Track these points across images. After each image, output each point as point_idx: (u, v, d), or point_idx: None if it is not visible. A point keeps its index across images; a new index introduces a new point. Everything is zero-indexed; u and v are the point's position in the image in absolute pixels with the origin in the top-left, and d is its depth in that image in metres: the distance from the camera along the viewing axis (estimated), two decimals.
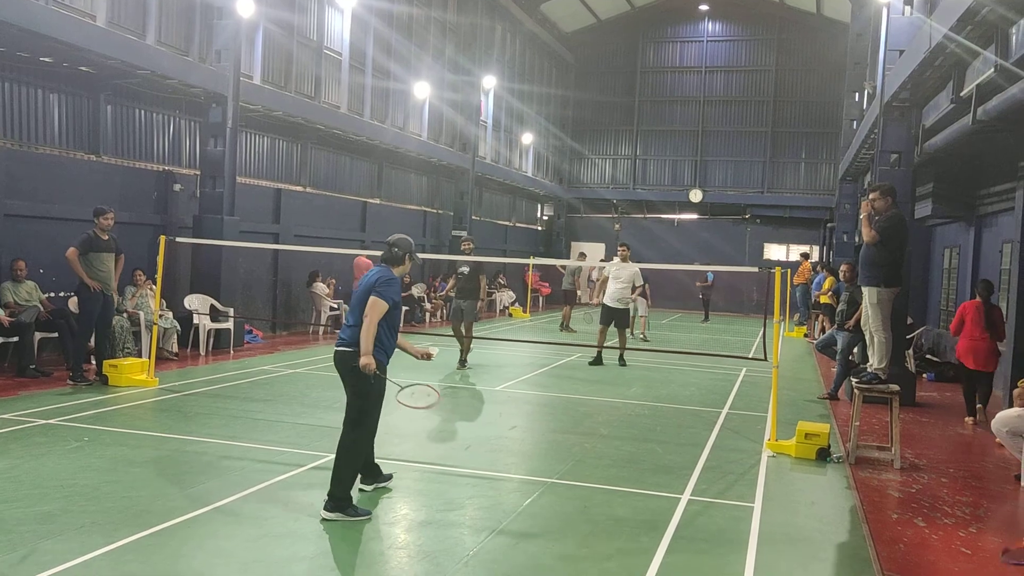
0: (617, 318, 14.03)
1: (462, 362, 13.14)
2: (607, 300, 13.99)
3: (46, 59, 12.02)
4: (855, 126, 22.23)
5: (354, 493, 5.80)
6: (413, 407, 6.33)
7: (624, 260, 14.42)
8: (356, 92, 20.10)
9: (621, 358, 14.27)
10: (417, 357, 6.38)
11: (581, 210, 35.56)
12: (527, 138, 31.38)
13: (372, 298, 5.69)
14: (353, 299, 5.99)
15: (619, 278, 13.97)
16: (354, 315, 5.86)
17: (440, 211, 25.52)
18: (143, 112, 14.29)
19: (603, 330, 14.14)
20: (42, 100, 12.40)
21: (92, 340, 10.52)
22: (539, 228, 35.04)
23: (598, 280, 14.92)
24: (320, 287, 17.13)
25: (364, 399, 5.81)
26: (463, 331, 13.27)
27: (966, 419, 10.35)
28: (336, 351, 5.91)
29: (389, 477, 6.52)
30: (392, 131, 21.29)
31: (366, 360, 5.60)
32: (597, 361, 14.08)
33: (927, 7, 12.02)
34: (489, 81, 26.42)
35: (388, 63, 21.40)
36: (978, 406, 10.31)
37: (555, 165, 34.77)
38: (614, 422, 9.47)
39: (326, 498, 5.62)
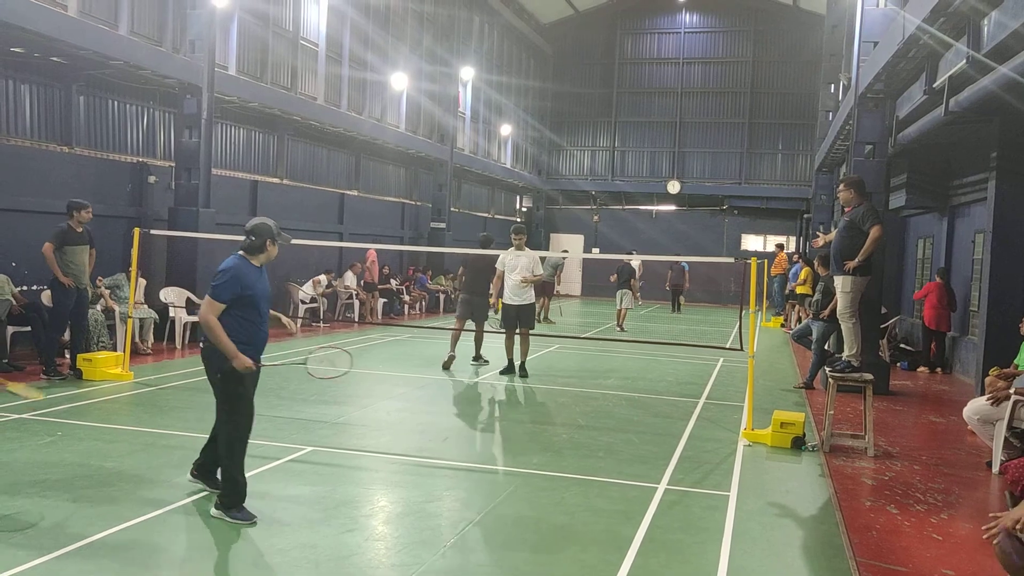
0: (522, 317, 11.77)
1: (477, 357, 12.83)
2: (507, 297, 11.82)
3: (17, 49, 11.85)
4: (831, 117, 22.41)
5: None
6: (327, 377, 6.33)
7: (519, 248, 11.89)
8: (333, 83, 19.98)
9: (522, 367, 11.91)
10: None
11: (560, 202, 35.59)
12: (505, 130, 31.34)
13: (205, 297, 5.43)
14: None
15: (515, 269, 11.71)
16: None
17: (418, 203, 25.45)
18: (116, 103, 14.13)
19: (510, 335, 11.92)
20: (13, 91, 12.22)
21: (67, 334, 10.41)
22: (518, 220, 35.03)
23: (495, 280, 12.28)
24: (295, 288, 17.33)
25: (220, 396, 5.64)
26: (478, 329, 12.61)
27: (919, 368, 14.06)
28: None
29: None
30: (369, 122, 21.19)
31: (239, 363, 5.38)
32: (509, 369, 11.93)
33: None
34: (467, 72, 26.36)
35: (365, 54, 21.28)
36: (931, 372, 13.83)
37: (534, 157, 34.77)
38: (591, 413, 9.50)
39: (217, 497, 5.53)
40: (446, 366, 12.11)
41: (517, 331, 11.82)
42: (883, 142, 12.42)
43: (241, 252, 5.62)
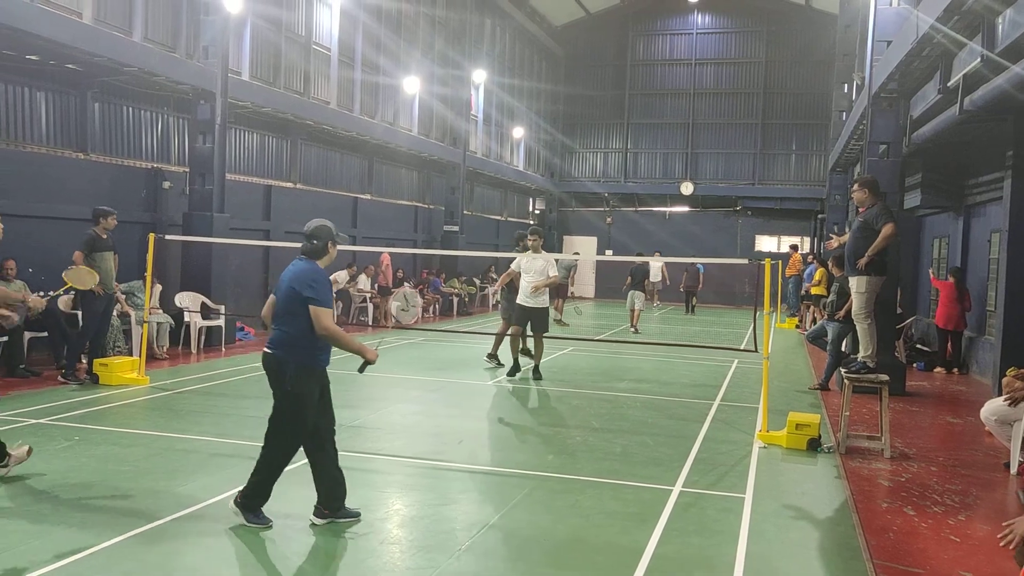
0: (535, 319, 11.68)
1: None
2: (521, 299, 11.72)
3: (32, 57, 11.96)
4: (844, 117, 22.30)
5: None
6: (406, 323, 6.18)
7: (535, 251, 11.81)
8: (345, 87, 20.05)
9: (536, 369, 11.86)
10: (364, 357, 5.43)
11: (572, 204, 35.57)
12: (518, 132, 31.36)
13: (316, 310, 5.13)
14: (279, 295, 5.35)
15: (530, 271, 11.61)
16: (281, 319, 5.29)
17: (431, 206, 25.49)
18: (131, 109, 14.23)
19: (518, 331, 11.85)
20: (29, 98, 12.33)
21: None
22: (531, 222, 35.01)
23: (502, 275, 12.48)
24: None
25: (283, 411, 5.33)
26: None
27: (936, 369, 13.95)
28: (263, 353, 5.38)
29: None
30: (382, 126, 21.26)
31: (372, 354, 5.34)
32: (515, 370, 11.83)
33: None
34: (479, 75, 26.40)
35: (377, 58, 21.35)
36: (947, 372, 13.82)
37: (546, 159, 34.77)
38: (605, 415, 9.49)
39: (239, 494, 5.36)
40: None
41: (529, 334, 11.76)
42: (897, 142, 12.36)
43: (304, 257, 5.42)
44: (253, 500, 5.33)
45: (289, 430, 5.29)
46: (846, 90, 23.41)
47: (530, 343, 12.08)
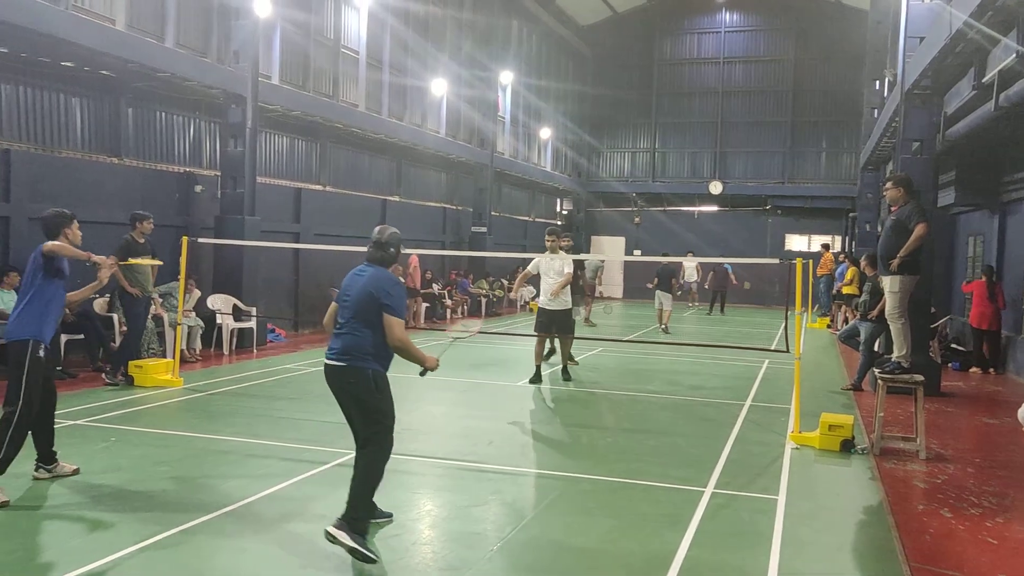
0: (558, 322, 11.41)
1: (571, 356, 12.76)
2: (542, 302, 11.43)
3: (68, 64, 12.16)
4: (876, 114, 22.01)
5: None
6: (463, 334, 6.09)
7: (553, 251, 11.47)
8: (374, 90, 20.16)
9: (564, 370, 11.81)
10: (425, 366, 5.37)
11: (599, 205, 35.48)
12: (545, 133, 31.34)
13: (391, 319, 5.02)
14: (350, 302, 5.14)
15: (549, 273, 11.34)
16: (352, 327, 5.09)
17: (459, 207, 25.56)
18: (163, 114, 14.42)
19: (541, 340, 11.57)
20: (64, 104, 12.54)
21: (117, 341, 10.67)
22: (558, 223, 34.96)
23: (519, 276, 12.19)
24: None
25: (375, 417, 5.13)
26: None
27: (971, 369, 13.82)
28: (329, 364, 5.13)
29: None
30: (410, 128, 21.35)
31: (432, 363, 5.29)
32: (536, 379, 11.41)
33: None
34: (506, 77, 26.44)
35: (405, 61, 21.45)
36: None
37: (573, 160, 34.71)
38: (636, 416, 9.46)
39: (342, 517, 4.91)
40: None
41: (550, 336, 11.63)
42: (931, 139, 12.19)
43: (373, 263, 5.25)
44: (364, 519, 4.97)
45: (388, 428, 5.15)
46: (877, 87, 23.13)
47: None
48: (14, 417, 5.79)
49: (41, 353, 5.97)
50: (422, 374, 5.38)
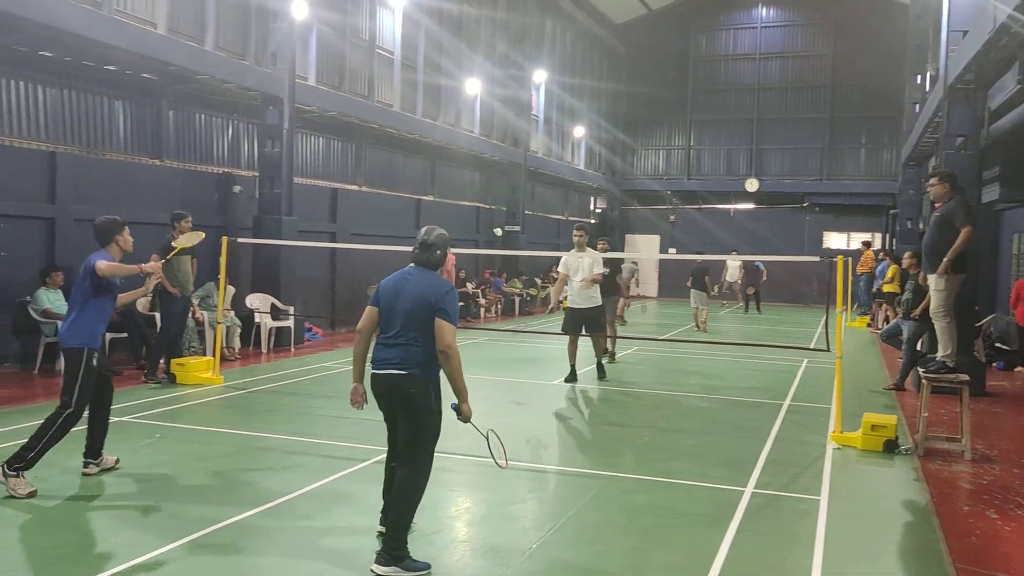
0: (588, 321, 11.20)
1: (611, 355, 13.25)
2: (571, 301, 11.21)
3: (111, 67, 12.38)
4: (917, 110, 21.65)
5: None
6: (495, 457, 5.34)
7: (580, 248, 11.28)
8: (408, 90, 20.26)
9: (599, 367, 11.67)
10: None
11: (634, 203, 35.30)
12: (578, 131, 31.26)
13: (444, 324, 4.70)
14: (403, 309, 4.81)
15: (577, 271, 11.14)
16: (405, 334, 4.78)
17: (493, 206, 25.59)
18: (203, 116, 14.62)
19: (573, 340, 11.41)
20: (107, 107, 12.77)
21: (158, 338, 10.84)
22: (592, 221, 34.83)
23: (556, 285, 11.90)
24: None
25: (430, 431, 4.90)
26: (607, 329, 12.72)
27: (1016, 368, 13.41)
28: (385, 374, 4.78)
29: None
30: (444, 128, 21.42)
31: (468, 407, 4.88)
32: (572, 378, 11.31)
33: None
34: (540, 76, 26.41)
35: (439, 60, 21.52)
36: None
37: (607, 158, 34.56)
38: (674, 415, 9.40)
39: (382, 551, 4.67)
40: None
41: (582, 335, 11.49)
42: (975, 134, 11.96)
43: (422, 266, 4.99)
44: (403, 543, 4.68)
45: (432, 450, 4.91)
46: (919, 81, 22.74)
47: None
48: (61, 416, 5.94)
49: (95, 361, 6.17)
50: (455, 408, 4.89)
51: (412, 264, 5.02)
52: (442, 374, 4.84)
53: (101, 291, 6.25)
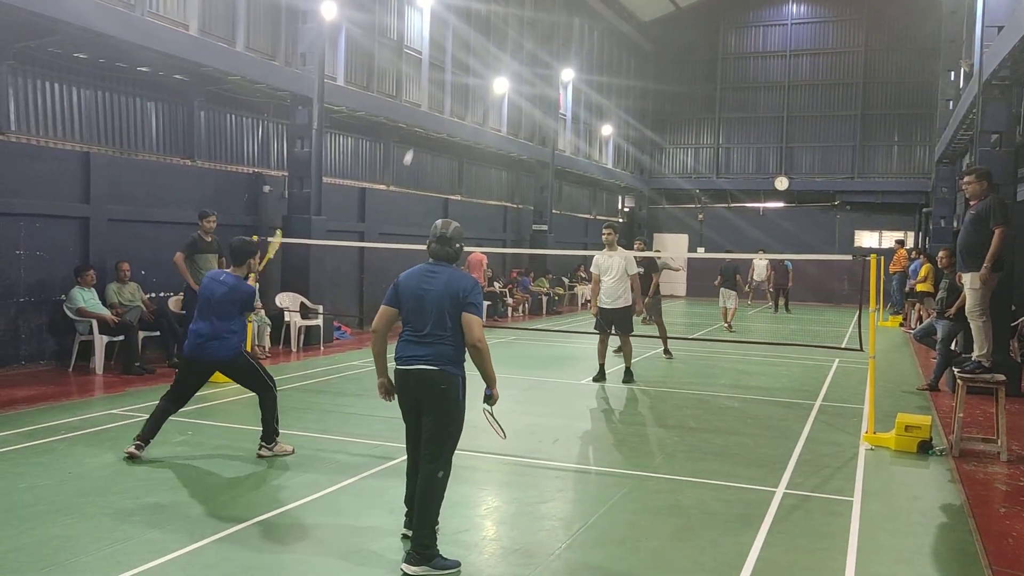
0: (617, 321, 11.15)
1: (667, 352, 13.97)
2: (600, 301, 11.20)
3: (143, 69, 12.53)
4: (951, 106, 21.33)
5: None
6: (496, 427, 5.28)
7: (611, 247, 11.28)
8: (436, 90, 20.31)
9: (627, 371, 11.43)
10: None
11: (662, 202, 35.13)
12: (606, 130, 31.17)
13: (472, 318, 4.74)
14: (430, 306, 4.79)
15: (608, 271, 11.10)
16: (433, 330, 4.78)
17: (520, 206, 25.58)
18: (233, 117, 14.76)
19: (603, 339, 11.45)
20: (140, 108, 12.93)
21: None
22: (620, 220, 34.72)
23: (592, 287, 11.77)
24: None
25: (458, 426, 4.91)
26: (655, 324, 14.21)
27: None
28: (416, 370, 4.80)
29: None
30: (472, 127, 21.45)
31: (497, 392, 4.95)
32: (600, 376, 11.37)
33: None
34: (567, 74, 26.36)
35: (467, 60, 21.55)
36: None
37: (635, 156, 34.42)
38: (703, 415, 9.34)
39: (411, 551, 4.69)
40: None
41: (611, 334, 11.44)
42: (1010, 131, 11.75)
43: (443, 261, 4.95)
44: (432, 541, 4.69)
45: (455, 446, 4.93)
46: (953, 77, 22.39)
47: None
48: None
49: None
50: (487, 399, 4.95)
51: (431, 259, 4.97)
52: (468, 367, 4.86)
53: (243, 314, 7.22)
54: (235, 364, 6.98)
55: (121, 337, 11.00)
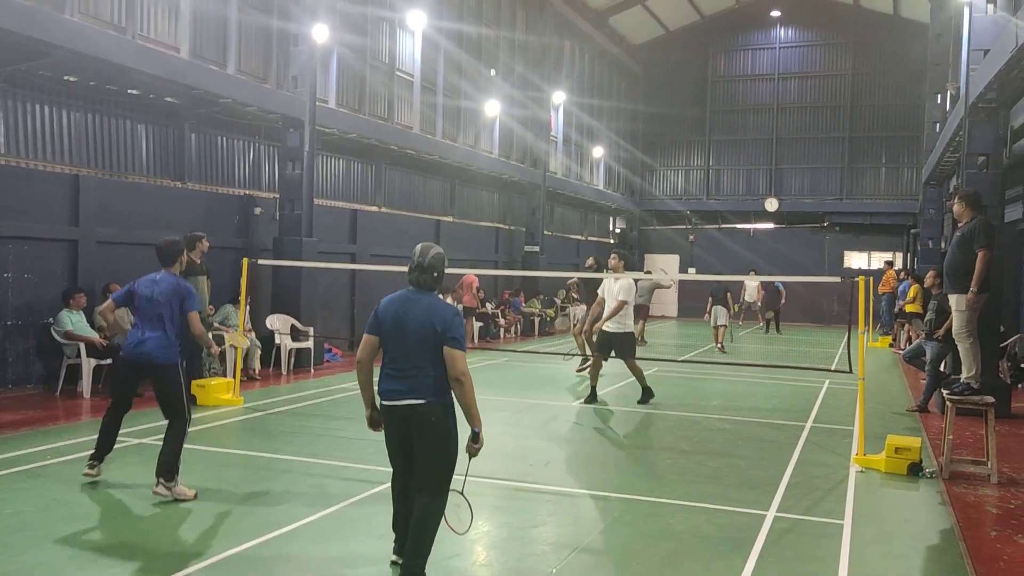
0: (617, 345, 11.17)
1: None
2: (607, 324, 11.20)
3: (134, 92, 12.55)
4: (938, 129, 21.54)
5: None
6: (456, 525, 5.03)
7: (616, 271, 11.48)
8: (428, 112, 20.39)
9: (645, 391, 11.37)
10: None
11: (653, 223, 35.26)
12: (597, 152, 31.33)
13: (455, 352, 4.61)
14: (409, 337, 4.72)
15: (611, 295, 11.23)
16: (415, 361, 4.70)
17: (512, 227, 25.64)
18: (224, 139, 14.78)
19: (598, 360, 11.47)
20: (130, 131, 12.93)
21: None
22: (612, 241, 34.83)
23: (592, 308, 11.98)
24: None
25: (453, 454, 4.82)
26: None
27: None
28: (401, 406, 4.73)
29: None
30: (463, 149, 21.52)
31: (480, 428, 4.70)
32: (591, 399, 11.34)
33: (1011, 5, 11.61)
34: (559, 97, 26.52)
35: (459, 82, 21.67)
36: None
37: (626, 178, 34.59)
38: (694, 437, 9.33)
39: None
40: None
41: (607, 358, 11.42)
42: (997, 153, 11.87)
43: (423, 289, 4.89)
44: (423, 570, 4.70)
45: (452, 474, 4.85)
46: (939, 100, 22.63)
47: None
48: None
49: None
50: (473, 438, 4.74)
51: (411, 286, 4.91)
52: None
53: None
54: (166, 374, 6.76)
55: (109, 360, 10.92)
